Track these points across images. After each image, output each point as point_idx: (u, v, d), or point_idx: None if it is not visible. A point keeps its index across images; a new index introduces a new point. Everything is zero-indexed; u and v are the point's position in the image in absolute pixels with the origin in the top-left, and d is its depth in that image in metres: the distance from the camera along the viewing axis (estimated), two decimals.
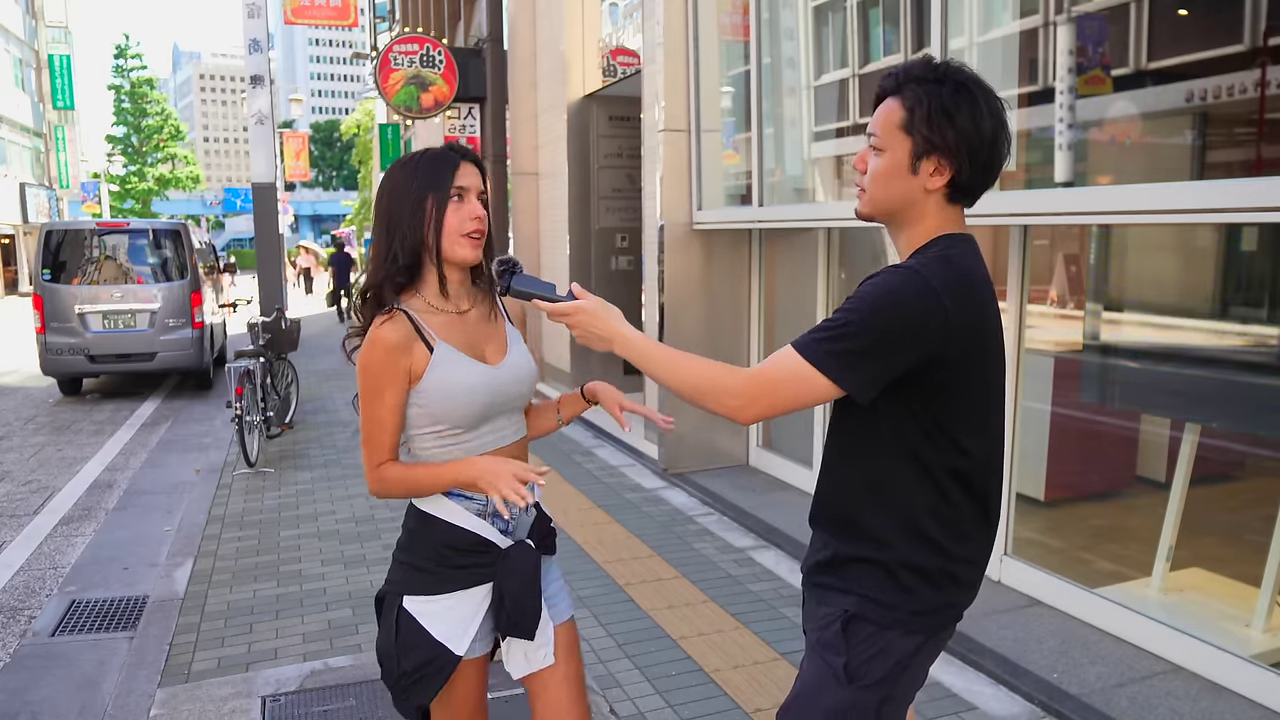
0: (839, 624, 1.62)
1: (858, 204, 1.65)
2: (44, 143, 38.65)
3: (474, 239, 1.78)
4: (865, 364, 1.48)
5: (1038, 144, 4.13)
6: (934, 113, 1.51)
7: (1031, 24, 4.23)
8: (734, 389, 1.53)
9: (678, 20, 6.12)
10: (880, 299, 1.48)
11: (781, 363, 1.51)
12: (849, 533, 1.64)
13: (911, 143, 1.54)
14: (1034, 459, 4.22)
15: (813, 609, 1.71)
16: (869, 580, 1.61)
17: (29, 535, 5.38)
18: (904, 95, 1.55)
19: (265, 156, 9.54)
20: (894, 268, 1.53)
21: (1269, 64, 3.32)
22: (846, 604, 1.63)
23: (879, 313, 1.47)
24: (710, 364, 1.57)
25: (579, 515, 5.29)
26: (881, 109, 1.58)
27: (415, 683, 1.81)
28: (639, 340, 1.64)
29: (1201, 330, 3.83)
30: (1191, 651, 3.27)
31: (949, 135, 1.51)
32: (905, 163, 1.55)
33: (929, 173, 1.54)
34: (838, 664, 1.62)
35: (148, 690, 3.31)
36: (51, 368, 9.64)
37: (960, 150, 1.52)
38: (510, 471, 1.71)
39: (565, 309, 1.68)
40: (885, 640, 1.60)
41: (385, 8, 22.49)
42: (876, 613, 1.60)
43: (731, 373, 1.55)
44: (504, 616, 1.80)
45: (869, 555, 1.61)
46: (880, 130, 1.57)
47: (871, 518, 1.60)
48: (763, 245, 6.15)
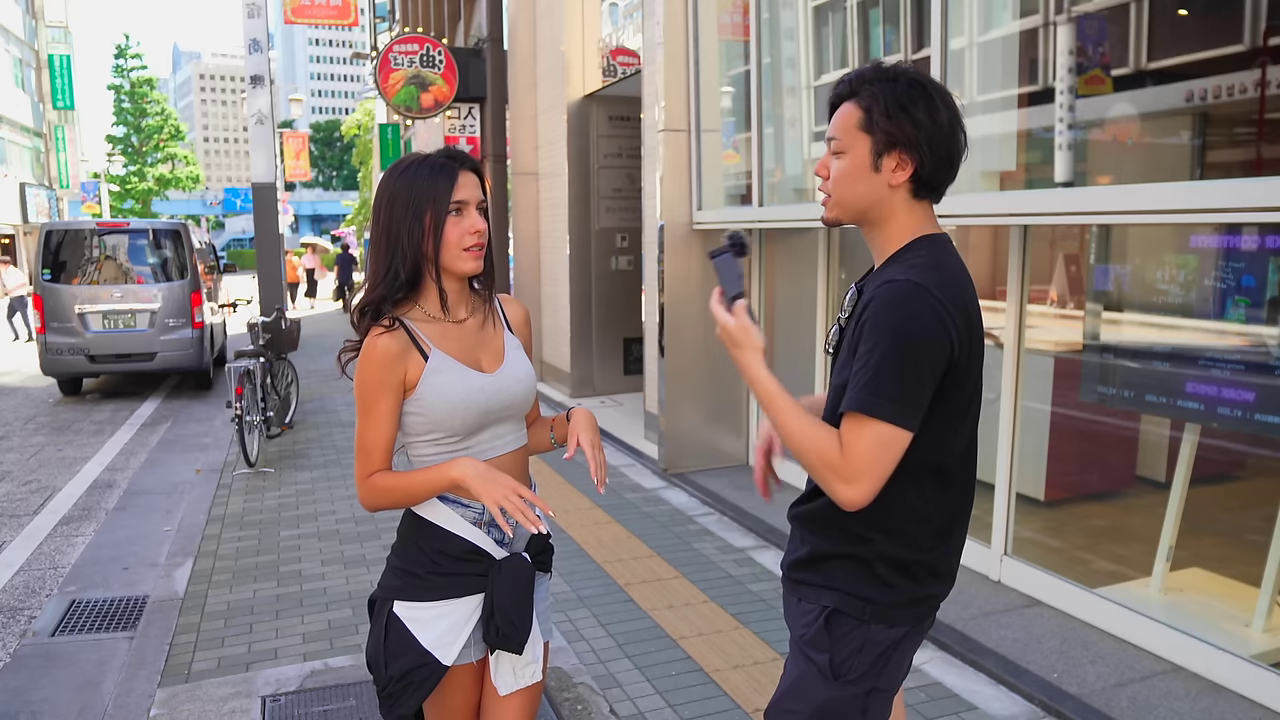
0: (821, 620, 1.64)
1: (826, 212, 1.67)
2: (44, 143, 38.64)
3: (474, 252, 1.77)
4: (920, 397, 1.50)
5: (1038, 144, 4.13)
6: (891, 107, 1.54)
7: (1031, 24, 4.23)
8: (842, 473, 1.49)
9: (678, 20, 6.12)
10: (902, 329, 1.48)
11: (862, 435, 1.48)
12: (829, 530, 1.65)
13: (871, 140, 1.56)
14: (1034, 459, 4.22)
15: (793, 606, 1.73)
16: (848, 576, 1.63)
17: (29, 535, 5.38)
18: (859, 97, 1.58)
19: (265, 156, 9.54)
20: (891, 282, 1.53)
21: (1269, 64, 3.33)
22: (827, 600, 1.64)
23: (909, 344, 1.47)
24: (820, 439, 1.52)
25: (579, 515, 5.29)
26: (839, 114, 1.61)
27: (403, 690, 1.79)
28: (767, 385, 1.59)
29: (1202, 330, 3.83)
30: (1191, 651, 3.27)
31: (907, 128, 1.53)
32: (867, 161, 1.57)
33: (891, 169, 1.57)
34: (823, 660, 1.63)
35: (148, 690, 3.32)
36: (51, 368, 9.64)
37: (920, 143, 1.54)
38: (510, 484, 1.69)
39: (719, 315, 1.64)
40: (867, 634, 1.62)
41: (385, 8, 22.50)
42: (857, 607, 1.62)
43: (835, 452, 1.51)
44: (492, 629, 1.78)
45: (848, 551, 1.63)
46: (840, 133, 1.60)
47: (855, 516, 1.60)
48: (763, 245, 6.15)
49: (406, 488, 1.76)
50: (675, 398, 6.17)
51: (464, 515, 1.80)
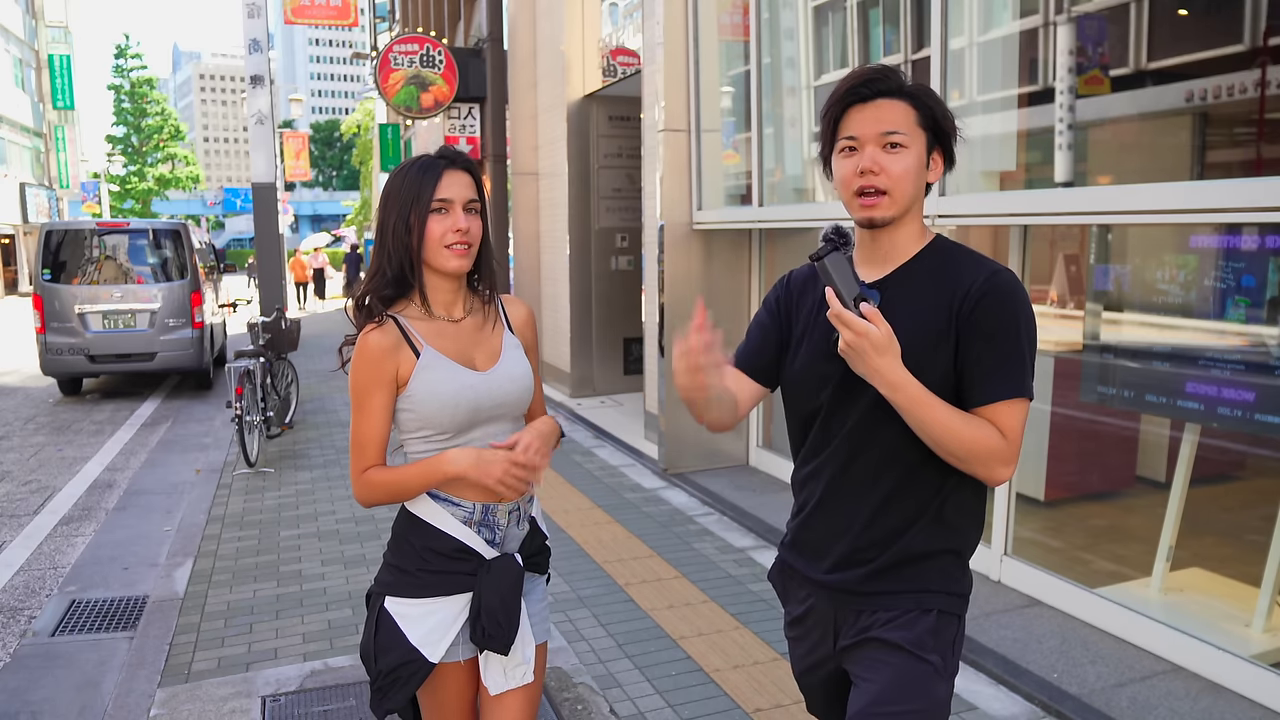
0: (929, 619, 1.62)
1: (876, 211, 1.58)
2: (44, 143, 38.66)
3: (457, 250, 1.78)
4: None
5: (1038, 144, 4.13)
6: (941, 108, 1.60)
7: (1031, 24, 4.23)
8: (1005, 457, 1.55)
9: (678, 20, 6.12)
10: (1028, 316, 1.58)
11: (1018, 417, 1.56)
12: (927, 529, 1.62)
13: (926, 138, 1.59)
14: (1034, 459, 4.22)
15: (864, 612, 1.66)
16: (947, 573, 1.65)
17: (29, 535, 5.38)
18: (904, 95, 1.58)
19: (265, 156, 9.54)
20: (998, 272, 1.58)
21: (1269, 64, 3.32)
22: (930, 602, 1.63)
23: (1031, 327, 1.58)
24: (979, 429, 1.53)
25: (579, 515, 5.29)
26: (890, 108, 1.56)
27: (391, 684, 1.81)
28: (914, 388, 1.52)
29: (1202, 330, 3.83)
30: (1191, 651, 3.27)
31: (950, 129, 1.61)
32: (924, 158, 1.60)
33: (932, 167, 1.62)
34: (936, 660, 1.62)
35: (148, 690, 3.32)
36: (51, 368, 9.64)
37: (951, 142, 1.62)
38: (503, 459, 1.75)
39: (851, 321, 1.49)
40: (958, 627, 1.67)
41: (385, 8, 22.50)
42: (956, 604, 1.65)
43: (999, 439, 1.54)
44: (479, 629, 1.79)
45: (949, 546, 1.64)
46: (903, 127, 1.57)
47: (949, 509, 1.63)
48: (763, 245, 6.15)
49: (400, 482, 1.78)
50: (675, 398, 6.17)
51: (455, 514, 1.81)
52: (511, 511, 1.87)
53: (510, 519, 1.87)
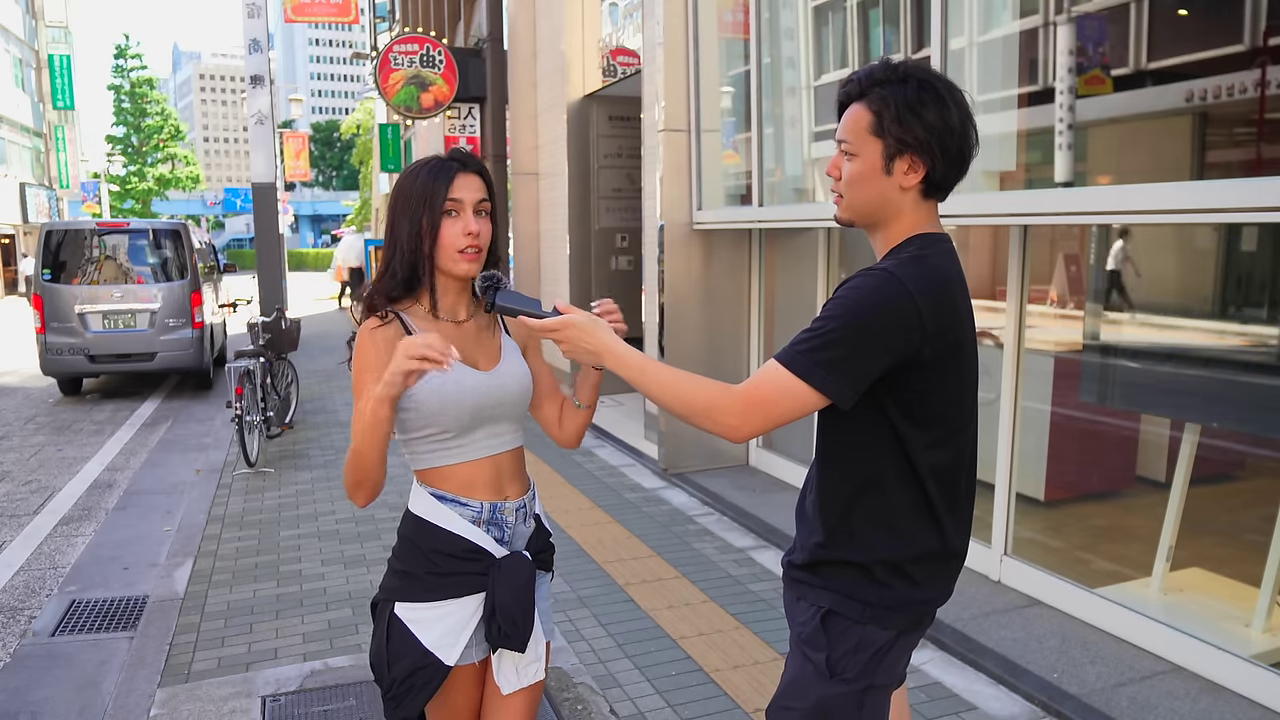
0: (817, 619, 1.65)
1: (838, 212, 1.67)
2: (44, 143, 38.63)
3: (469, 255, 1.78)
4: (847, 370, 1.49)
5: (1038, 144, 4.13)
6: (902, 111, 1.53)
7: (1031, 24, 4.23)
8: (728, 408, 1.53)
9: (678, 20, 6.12)
10: (856, 304, 1.49)
11: (769, 378, 1.51)
12: (833, 535, 1.65)
13: (883, 144, 1.56)
14: (1034, 459, 4.22)
15: (791, 602, 1.74)
16: (846, 578, 1.63)
17: (29, 535, 5.38)
18: (869, 99, 1.57)
19: (265, 156, 9.53)
20: (869, 271, 1.54)
21: (1269, 64, 3.32)
22: (823, 600, 1.65)
23: (856, 318, 1.48)
24: (703, 382, 1.56)
25: (579, 515, 5.29)
26: (849, 115, 1.60)
27: (406, 691, 1.79)
28: (630, 355, 1.62)
29: (1202, 330, 3.83)
30: (1191, 651, 3.27)
31: (919, 132, 1.53)
32: (879, 165, 1.57)
33: (903, 171, 1.57)
34: (819, 659, 1.64)
35: (148, 690, 3.32)
36: (51, 368, 9.64)
37: (931, 146, 1.54)
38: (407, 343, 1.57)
39: (552, 324, 1.68)
40: (862, 634, 1.62)
41: (385, 7, 22.49)
42: (853, 609, 1.62)
43: (725, 391, 1.54)
44: (494, 628, 1.78)
45: (849, 558, 1.63)
46: (850, 136, 1.59)
47: (856, 520, 1.62)
48: (763, 245, 6.15)
49: (355, 442, 1.67)
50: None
51: (463, 514, 1.81)
52: (518, 509, 1.87)
53: (518, 516, 1.87)
